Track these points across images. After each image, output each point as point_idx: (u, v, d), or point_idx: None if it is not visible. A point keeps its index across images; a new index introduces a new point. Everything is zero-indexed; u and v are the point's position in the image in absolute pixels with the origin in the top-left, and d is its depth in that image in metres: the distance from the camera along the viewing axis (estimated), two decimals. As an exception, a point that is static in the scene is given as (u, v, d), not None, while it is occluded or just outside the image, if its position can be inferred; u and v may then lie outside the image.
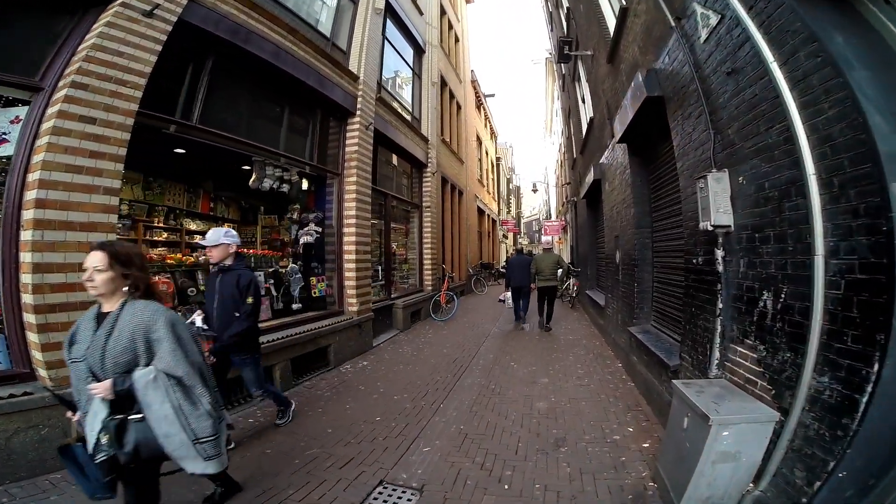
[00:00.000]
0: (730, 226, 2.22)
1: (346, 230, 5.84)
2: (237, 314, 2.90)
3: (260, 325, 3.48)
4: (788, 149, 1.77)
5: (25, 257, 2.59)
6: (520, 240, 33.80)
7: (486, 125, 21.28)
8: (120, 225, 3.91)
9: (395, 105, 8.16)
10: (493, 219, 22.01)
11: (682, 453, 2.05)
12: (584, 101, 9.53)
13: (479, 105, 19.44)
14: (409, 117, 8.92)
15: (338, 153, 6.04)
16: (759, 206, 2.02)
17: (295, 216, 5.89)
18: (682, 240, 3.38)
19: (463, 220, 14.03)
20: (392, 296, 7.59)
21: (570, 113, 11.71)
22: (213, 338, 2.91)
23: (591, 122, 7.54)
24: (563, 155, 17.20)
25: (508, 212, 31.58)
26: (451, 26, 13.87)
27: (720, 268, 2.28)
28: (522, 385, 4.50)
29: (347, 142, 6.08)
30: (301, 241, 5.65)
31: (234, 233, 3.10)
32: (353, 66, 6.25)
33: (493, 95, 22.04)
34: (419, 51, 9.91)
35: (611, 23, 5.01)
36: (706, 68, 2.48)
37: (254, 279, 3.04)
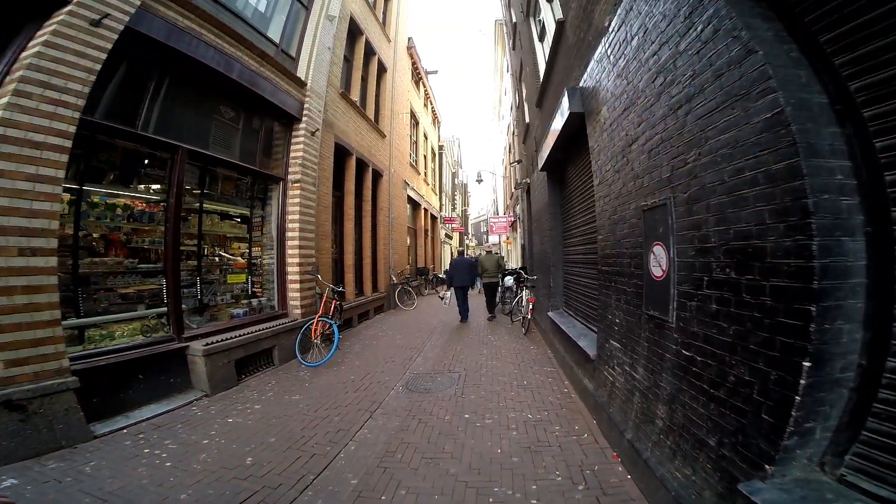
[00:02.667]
0: None
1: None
2: None
3: None
4: None
5: None
6: (466, 241, 31.01)
7: (426, 105, 18.03)
8: None
9: (225, 18, 4.56)
10: (432, 214, 18.66)
11: None
12: (541, 40, 6.67)
13: (419, 81, 16.25)
14: (270, 49, 5.40)
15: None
16: None
17: None
18: None
19: (382, 210, 10.52)
20: (186, 333, 3.90)
21: (522, 67, 8.74)
22: None
23: (559, 32, 4.45)
24: (513, 136, 14.44)
25: (454, 209, 28.54)
26: (379, -26, 10.72)
27: None
28: None
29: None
30: None
31: None
32: None
33: (435, 72, 18.88)
34: (310, -26, 6.63)
35: None
36: None
37: None
